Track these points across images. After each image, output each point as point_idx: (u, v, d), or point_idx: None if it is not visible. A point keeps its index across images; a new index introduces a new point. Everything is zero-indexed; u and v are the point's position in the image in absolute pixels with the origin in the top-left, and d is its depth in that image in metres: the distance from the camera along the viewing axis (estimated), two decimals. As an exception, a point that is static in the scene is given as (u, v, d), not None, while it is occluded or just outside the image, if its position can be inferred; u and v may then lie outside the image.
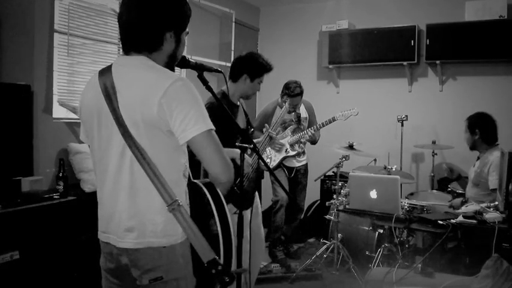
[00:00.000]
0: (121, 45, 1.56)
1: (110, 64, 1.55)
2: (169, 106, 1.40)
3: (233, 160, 2.67)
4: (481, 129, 3.72)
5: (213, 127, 1.46)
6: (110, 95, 1.46)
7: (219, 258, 1.44)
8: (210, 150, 1.45)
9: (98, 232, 1.59)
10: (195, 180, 1.57)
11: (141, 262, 1.47)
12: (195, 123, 1.41)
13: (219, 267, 1.42)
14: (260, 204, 3.14)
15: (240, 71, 2.82)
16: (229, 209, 2.72)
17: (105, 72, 1.51)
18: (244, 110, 2.97)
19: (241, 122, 2.88)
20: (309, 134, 4.29)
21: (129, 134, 1.42)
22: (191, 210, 1.52)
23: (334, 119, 4.24)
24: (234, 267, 2.43)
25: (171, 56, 1.56)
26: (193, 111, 1.42)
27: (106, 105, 1.46)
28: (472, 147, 3.83)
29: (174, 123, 1.41)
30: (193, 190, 1.55)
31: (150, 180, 1.42)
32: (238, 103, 2.90)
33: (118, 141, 1.45)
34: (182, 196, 1.50)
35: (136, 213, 1.47)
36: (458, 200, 3.71)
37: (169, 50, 1.54)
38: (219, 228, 1.47)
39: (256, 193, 3.08)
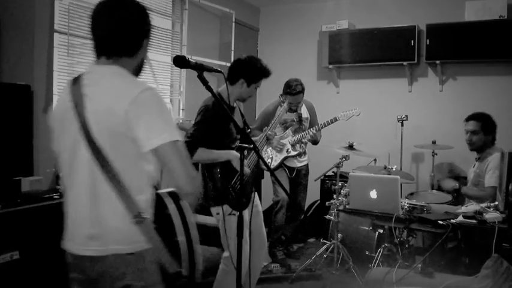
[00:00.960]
0: (95, 50, 1.59)
1: (81, 73, 1.59)
2: (135, 113, 1.41)
3: (228, 162, 2.69)
4: (495, 130, 3.68)
5: (179, 138, 1.47)
6: (77, 102, 1.48)
7: (182, 268, 1.46)
8: (174, 160, 1.44)
9: (63, 241, 1.59)
10: (159, 191, 1.58)
11: (108, 271, 1.47)
12: (161, 133, 1.42)
13: (183, 280, 1.45)
14: (260, 204, 3.14)
15: (238, 75, 2.82)
16: (225, 210, 2.75)
17: (76, 81, 1.55)
18: (240, 111, 2.98)
19: (238, 123, 2.88)
20: (311, 134, 4.29)
21: (93, 142, 1.44)
22: (154, 219, 1.51)
23: (336, 119, 4.24)
24: (233, 267, 2.43)
25: (141, 63, 1.63)
26: (160, 120, 1.44)
27: (73, 112, 1.48)
28: (481, 148, 3.71)
29: (139, 131, 1.42)
30: (157, 199, 1.56)
31: (115, 190, 1.43)
32: (234, 105, 2.91)
33: (82, 148, 1.47)
34: (147, 204, 1.51)
35: (100, 220, 1.47)
36: (451, 183, 3.68)
37: (141, 58, 1.61)
38: (181, 240, 1.48)
39: (256, 192, 3.08)
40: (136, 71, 1.62)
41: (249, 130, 3.08)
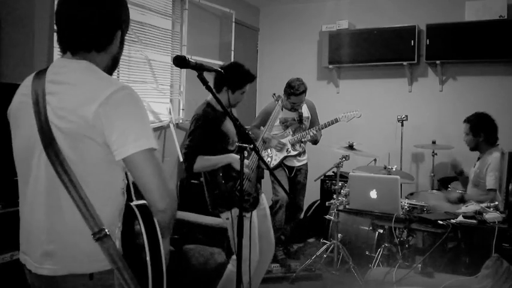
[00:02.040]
0: (60, 45, 1.41)
1: (46, 67, 1.41)
2: (107, 116, 1.24)
3: (229, 165, 2.69)
4: (485, 131, 3.70)
5: (155, 146, 1.29)
6: (38, 101, 1.30)
7: None
8: (147, 172, 1.26)
9: (20, 252, 1.42)
10: (130, 203, 1.40)
11: None
12: (135, 139, 1.25)
13: None
14: (267, 206, 3.14)
15: (221, 83, 2.82)
16: (234, 214, 2.73)
17: (40, 75, 1.37)
18: (233, 116, 2.98)
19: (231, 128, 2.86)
20: (311, 134, 4.28)
21: (53, 146, 1.26)
22: (123, 234, 1.34)
23: (336, 120, 4.24)
24: (245, 271, 2.41)
25: (115, 59, 1.44)
26: (136, 125, 1.26)
27: (32, 111, 1.31)
28: (474, 149, 3.80)
29: (110, 136, 1.24)
30: (127, 212, 1.38)
31: (74, 202, 1.26)
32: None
33: (39, 153, 1.30)
34: (115, 216, 1.34)
35: (57, 235, 1.30)
36: (454, 194, 3.70)
37: (114, 52, 1.42)
38: (148, 259, 1.29)
39: (263, 195, 3.07)
40: (109, 69, 1.43)
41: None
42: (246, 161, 2.69)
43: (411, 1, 5.24)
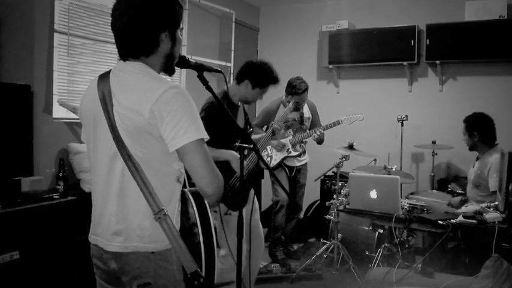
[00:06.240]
0: (118, 53, 1.55)
1: (109, 70, 1.56)
2: (160, 113, 1.39)
3: (227, 162, 2.67)
4: (480, 131, 3.70)
5: (205, 136, 1.45)
6: (106, 101, 1.47)
7: (201, 270, 1.45)
8: (197, 160, 1.42)
9: (89, 234, 1.60)
10: (185, 189, 1.58)
11: (129, 268, 1.47)
12: (185, 132, 1.40)
13: (201, 280, 1.42)
14: (256, 200, 3.13)
15: (244, 75, 2.83)
16: (221, 209, 2.72)
17: (104, 78, 1.53)
18: (244, 110, 2.97)
19: (240, 122, 2.88)
20: (315, 136, 4.26)
21: (120, 140, 1.44)
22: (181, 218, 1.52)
23: (339, 123, 4.22)
24: (230, 266, 2.42)
25: (168, 56, 1.55)
26: (185, 119, 1.41)
27: (102, 110, 1.48)
28: (472, 149, 3.82)
29: (164, 130, 1.40)
30: (182, 198, 1.56)
31: (138, 187, 1.43)
32: (239, 104, 2.90)
33: (110, 146, 1.47)
34: (174, 202, 1.51)
35: (125, 217, 1.48)
36: (457, 199, 3.71)
37: (166, 50, 1.53)
38: (201, 240, 1.47)
39: (252, 189, 3.06)
40: (165, 67, 1.57)
41: (251, 129, 3.07)
42: (244, 162, 2.68)
43: (411, 1, 5.24)
